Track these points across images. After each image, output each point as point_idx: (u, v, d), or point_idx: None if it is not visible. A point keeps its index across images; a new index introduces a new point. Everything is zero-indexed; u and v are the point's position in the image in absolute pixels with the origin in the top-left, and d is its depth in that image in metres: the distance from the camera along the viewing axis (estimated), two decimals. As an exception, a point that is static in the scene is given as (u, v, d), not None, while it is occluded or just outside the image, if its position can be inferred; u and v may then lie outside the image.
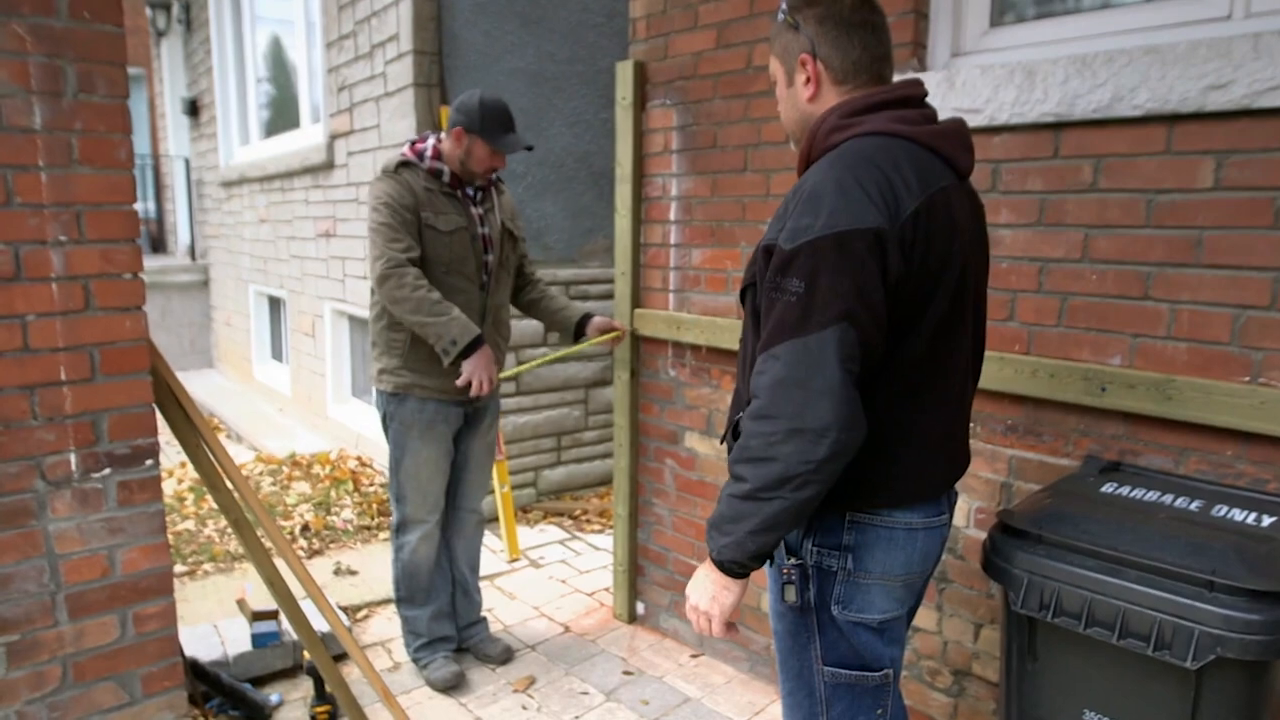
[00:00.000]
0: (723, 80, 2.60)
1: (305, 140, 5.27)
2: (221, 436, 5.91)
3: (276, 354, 6.58)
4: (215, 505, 2.34)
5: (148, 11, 7.84)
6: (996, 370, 1.99)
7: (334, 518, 4.03)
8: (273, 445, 5.20)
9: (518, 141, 2.43)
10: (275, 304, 6.46)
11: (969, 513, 2.13)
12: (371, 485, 4.43)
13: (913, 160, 1.26)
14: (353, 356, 5.18)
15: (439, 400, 2.54)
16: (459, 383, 2.40)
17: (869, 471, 1.31)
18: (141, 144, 10.19)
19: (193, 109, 7.29)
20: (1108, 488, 1.58)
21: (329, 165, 4.80)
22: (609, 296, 4.44)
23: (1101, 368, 1.84)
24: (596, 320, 2.80)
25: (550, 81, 4.22)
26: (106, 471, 1.82)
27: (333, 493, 4.30)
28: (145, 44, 9.21)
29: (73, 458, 1.78)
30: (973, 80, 1.99)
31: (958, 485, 2.02)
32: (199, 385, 7.05)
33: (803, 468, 1.18)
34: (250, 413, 6.06)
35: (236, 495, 2.17)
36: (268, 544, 3.65)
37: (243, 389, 6.91)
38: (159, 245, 9.83)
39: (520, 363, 4.21)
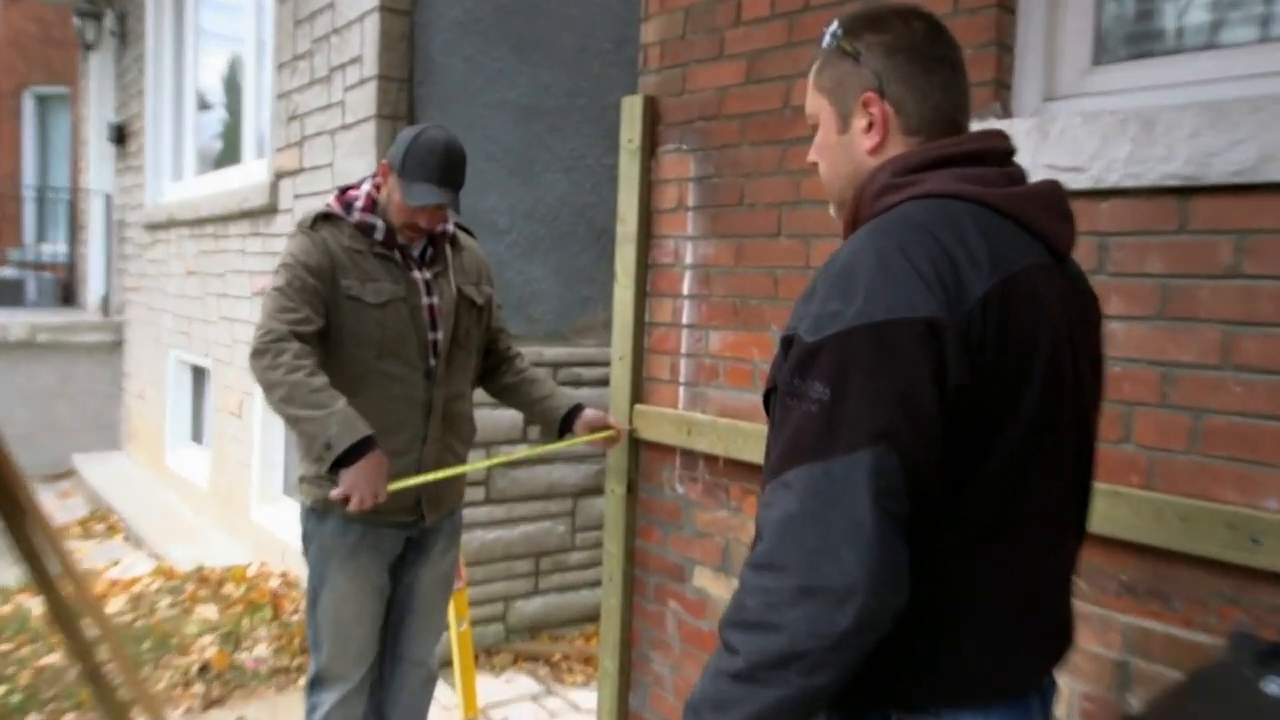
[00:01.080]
0: (753, 122, 2.57)
1: (246, 178, 5.29)
2: (116, 540, 5.76)
3: (196, 436, 6.52)
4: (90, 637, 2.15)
5: (75, 21, 8.03)
6: (1107, 508, 1.82)
7: (244, 654, 3.85)
8: (179, 553, 5.10)
9: (430, 194, 2.31)
10: (199, 375, 6.40)
11: (1071, 700, 1.93)
12: (296, 612, 4.27)
13: (986, 231, 1.18)
14: (287, 444, 5.07)
15: (368, 522, 2.40)
16: (333, 494, 2.22)
17: (918, 652, 1.17)
18: (59, 174, 10.34)
19: (120, 136, 7.37)
20: (1274, 687, 1.39)
21: (271, 209, 4.79)
22: (605, 384, 4.33)
23: (1253, 513, 1.68)
24: (587, 415, 2.69)
25: (545, 117, 4.22)
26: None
27: (246, 621, 4.15)
28: (73, 58, 9.42)
29: None
30: (1073, 130, 1.91)
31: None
32: (99, 472, 6.95)
33: (815, 642, 1.05)
34: (157, 509, 5.96)
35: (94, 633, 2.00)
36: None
37: (152, 479, 6.83)
38: (69, 297, 9.87)
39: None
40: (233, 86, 5.80)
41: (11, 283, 9.73)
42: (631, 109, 2.85)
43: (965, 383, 1.11)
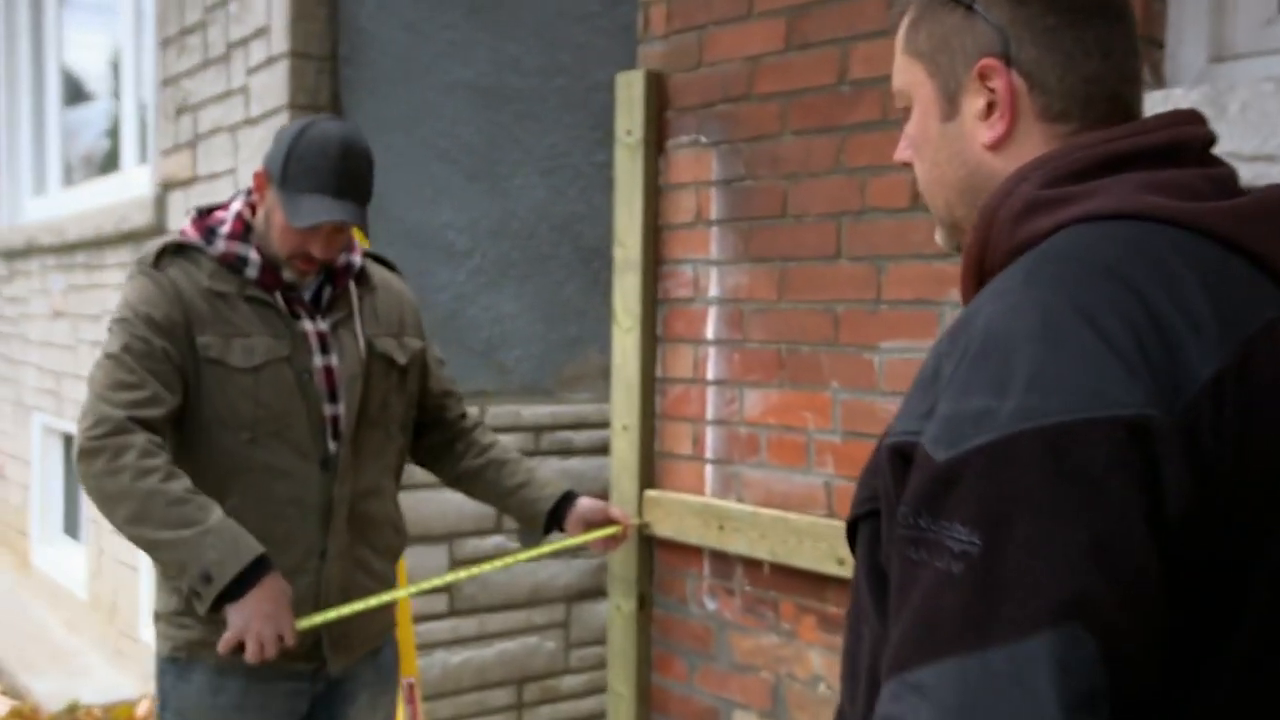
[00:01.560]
0: (798, 103, 2.54)
1: (124, 191, 5.19)
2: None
3: (70, 528, 6.43)
4: None
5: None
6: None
7: (126, 832, 3.66)
8: (45, 687, 4.98)
9: (323, 209, 2.16)
10: (72, 447, 6.22)
11: None
12: None
13: (1203, 271, 1.03)
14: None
15: (252, 675, 2.25)
16: (221, 646, 2.09)
17: None
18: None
19: (-34, 140, 7.24)
20: None
21: (157, 229, 4.66)
22: (603, 451, 4.17)
23: None
24: (583, 506, 2.57)
25: (513, 103, 4.11)
26: None
27: None
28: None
29: None
30: (1260, 103, 1.81)
31: None
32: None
33: None
34: (17, 626, 5.86)
35: None
36: None
37: (11, 584, 6.74)
38: (-89, 346, 9.71)
39: (456, 563, 3.89)
40: (100, 71, 5.68)
41: None
42: (629, 89, 2.81)
43: (1192, 514, 0.95)
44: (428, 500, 3.85)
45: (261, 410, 2.21)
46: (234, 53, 4.03)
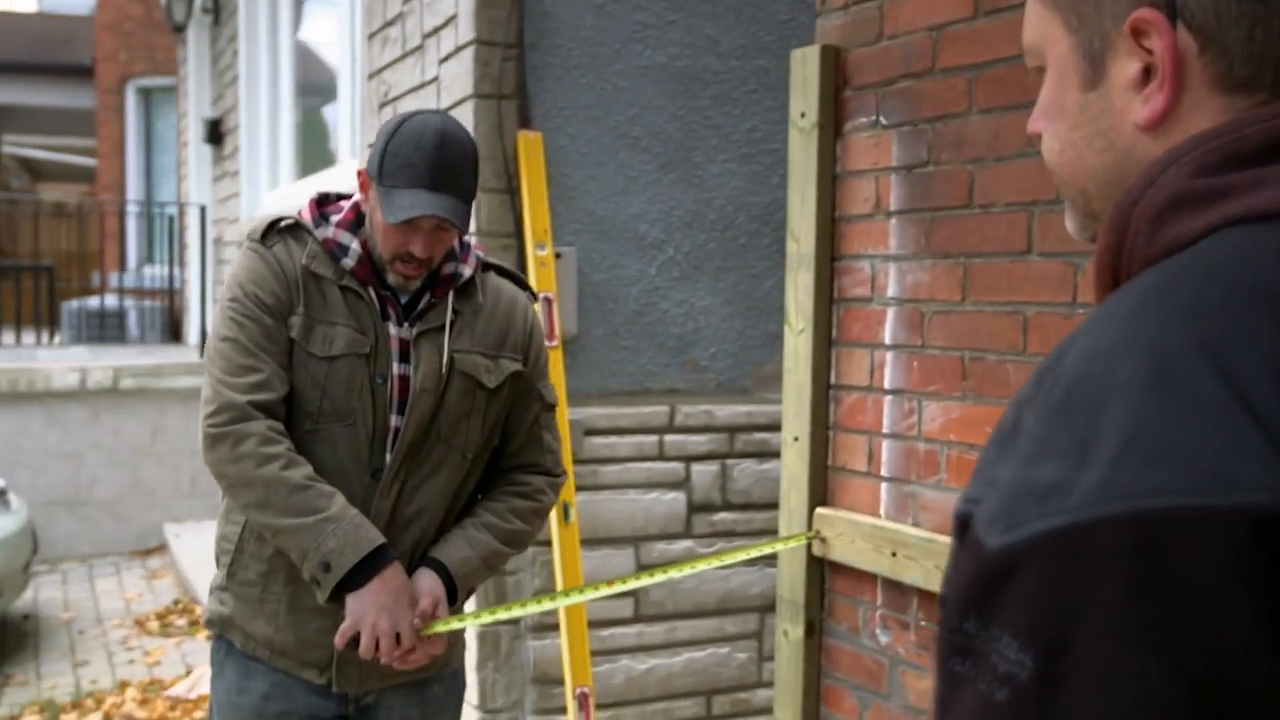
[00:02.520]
0: (986, 77, 2.36)
1: (340, 183, 5.22)
2: (199, 638, 5.82)
3: None
4: None
5: (162, -4, 8.41)
6: None
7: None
8: None
9: (418, 203, 2.08)
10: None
11: None
12: None
13: None
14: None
15: (279, 671, 2.22)
16: (337, 639, 2.09)
17: None
18: (167, 186, 10.93)
19: (214, 135, 7.65)
20: None
21: (364, 223, 4.67)
22: (802, 454, 3.98)
23: None
24: (419, 584, 2.24)
25: (709, 86, 3.98)
26: None
27: None
28: (170, 43, 9.92)
29: None
30: None
31: None
32: (192, 548, 7.12)
33: None
34: None
35: None
36: None
37: None
38: (176, 330, 10.37)
39: (642, 567, 3.82)
40: (326, 66, 5.81)
41: (111, 314, 10.33)
42: (804, 67, 2.62)
43: None
44: (612, 501, 3.75)
45: (328, 403, 2.16)
46: (427, 43, 4.03)
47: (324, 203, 2.28)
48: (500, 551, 2.32)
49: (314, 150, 6.45)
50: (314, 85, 6.40)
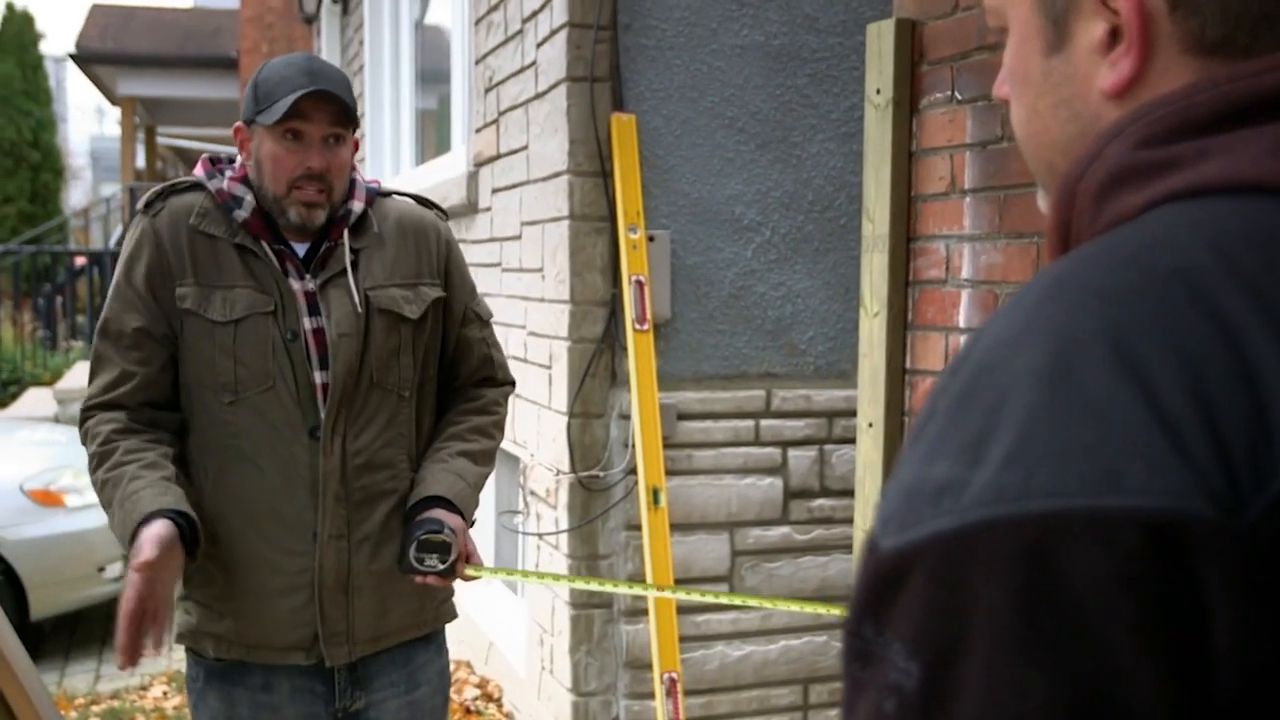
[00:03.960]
0: None
1: (449, 170, 5.32)
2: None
3: None
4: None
5: (296, -12, 8.59)
6: None
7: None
8: None
9: (299, 89, 2.00)
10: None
11: None
12: None
13: None
14: (497, 508, 4.98)
15: (259, 704, 2.13)
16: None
17: None
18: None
19: (342, 123, 7.75)
20: None
21: (471, 207, 4.76)
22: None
23: None
24: (430, 517, 2.14)
25: (807, 64, 3.88)
26: None
27: None
28: (307, 34, 10.15)
29: None
30: None
31: None
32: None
33: None
34: None
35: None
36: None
37: None
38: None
39: (738, 554, 3.79)
40: (445, 51, 5.87)
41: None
42: (879, 42, 2.54)
43: (1247, 675, 0.62)
44: (706, 486, 3.71)
45: (242, 369, 2.05)
46: (527, 27, 4.02)
47: (215, 162, 2.20)
48: (482, 473, 2.26)
49: (433, 137, 6.54)
50: (433, 72, 6.48)
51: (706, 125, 3.72)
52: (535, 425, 3.96)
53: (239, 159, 2.16)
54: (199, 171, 2.16)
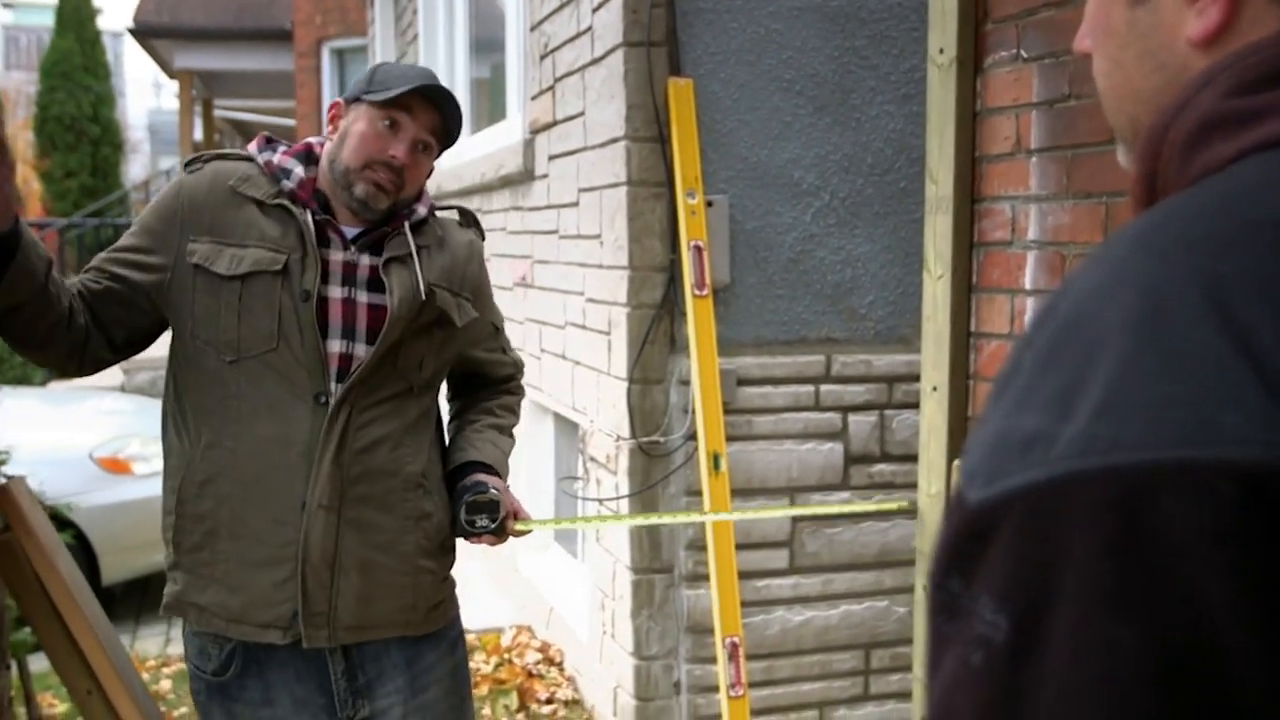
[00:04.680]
0: None
1: (504, 137, 5.32)
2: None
3: None
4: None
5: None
6: None
7: (473, 758, 3.81)
8: None
9: (411, 84, 2.04)
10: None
11: None
12: (550, 702, 4.20)
13: None
14: (556, 475, 5.01)
15: (258, 663, 2.09)
16: None
17: None
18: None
19: (397, 93, 7.78)
20: None
21: (528, 175, 4.76)
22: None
23: None
24: (474, 481, 2.19)
25: (866, 25, 3.84)
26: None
27: (488, 709, 4.13)
28: (361, 4, 10.18)
29: None
30: None
31: None
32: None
33: None
34: None
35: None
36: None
37: None
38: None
39: (797, 520, 3.76)
40: (498, 19, 5.86)
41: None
42: (943, 0, 2.41)
43: None
44: (766, 452, 3.71)
45: (246, 328, 2.01)
46: (582, -9, 4.00)
47: (271, 140, 2.20)
48: (510, 446, 2.34)
49: (487, 105, 6.55)
50: (486, 41, 6.47)
51: (765, 89, 3.69)
52: (595, 391, 3.98)
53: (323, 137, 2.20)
54: (251, 147, 2.17)
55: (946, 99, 2.42)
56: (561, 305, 4.43)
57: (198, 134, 15.99)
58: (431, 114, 2.06)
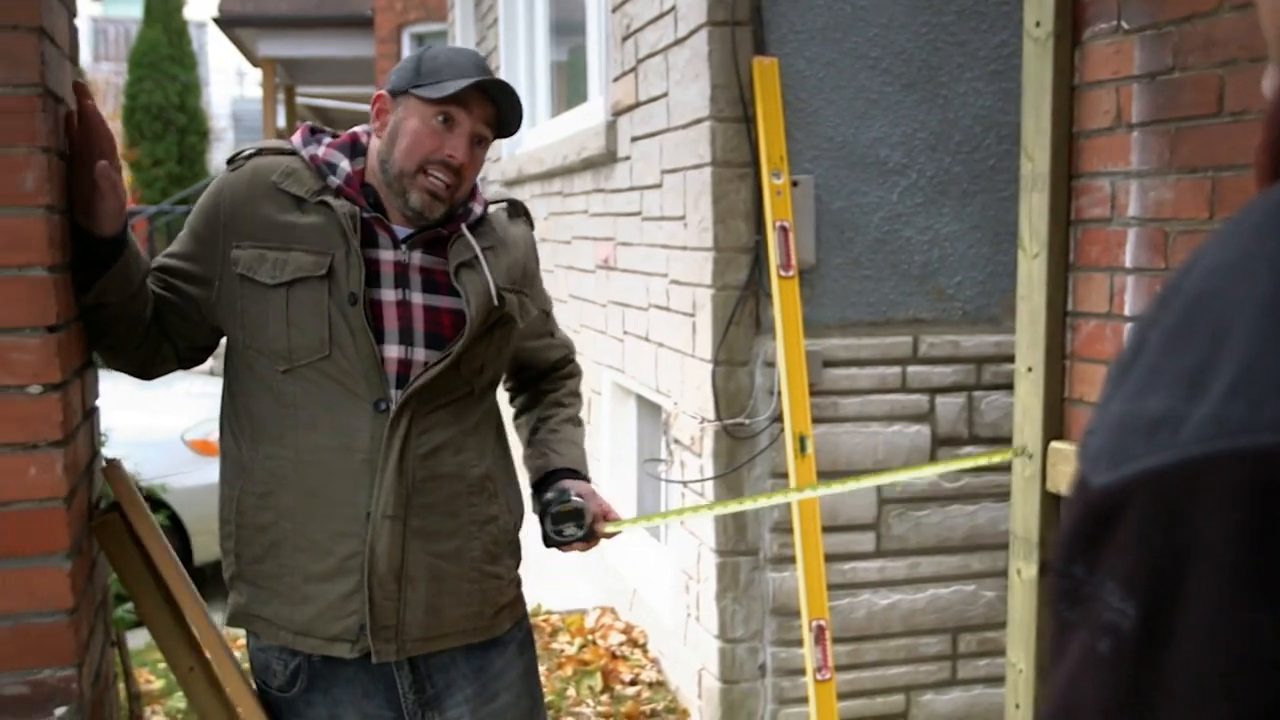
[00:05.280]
0: None
1: (586, 120, 5.31)
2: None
3: None
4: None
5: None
6: None
7: (560, 738, 3.84)
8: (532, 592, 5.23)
9: (467, 81, 1.93)
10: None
11: None
12: (634, 683, 4.20)
13: None
14: (639, 457, 5.02)
15: (324, 678, 2.04)
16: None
17: None
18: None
19: (477, 78, 7.82)
20: None
21: (610, 157, 4.75)
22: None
23: None
24: (564, 487, 2.18)
25: (953, 1, 3.78)
26: (-13, 725, 1.75)
27: (571, 689, 4.13)
28: (441, -10, 10.24)
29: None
30: None
31: None
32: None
33: None
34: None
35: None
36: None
37: None
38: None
39: (885, 502, 3.76)
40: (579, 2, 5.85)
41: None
42: None
43: None
44: (852, 434, 3.68)
45: (296, 335, 1.94)
46: (665, -29, 3.98)
47: (316, 130, 2.12)
48: (583, 433, 2.33)
49: (566, 89, 6.55)
50: (565, 24, 6.48)
51: (850, 67, 3.64)
52: (679, 373, 3.97)
53: (367, 127, 2.13)
54: (295, 139, 2.08)
55: (1043, 73, 2.37)
56: (645, 287, 4.42)
57: (280, 121, 16.22)
58: (486, 105, 1.97)
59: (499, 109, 1.99)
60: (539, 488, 2.19)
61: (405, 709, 2.04)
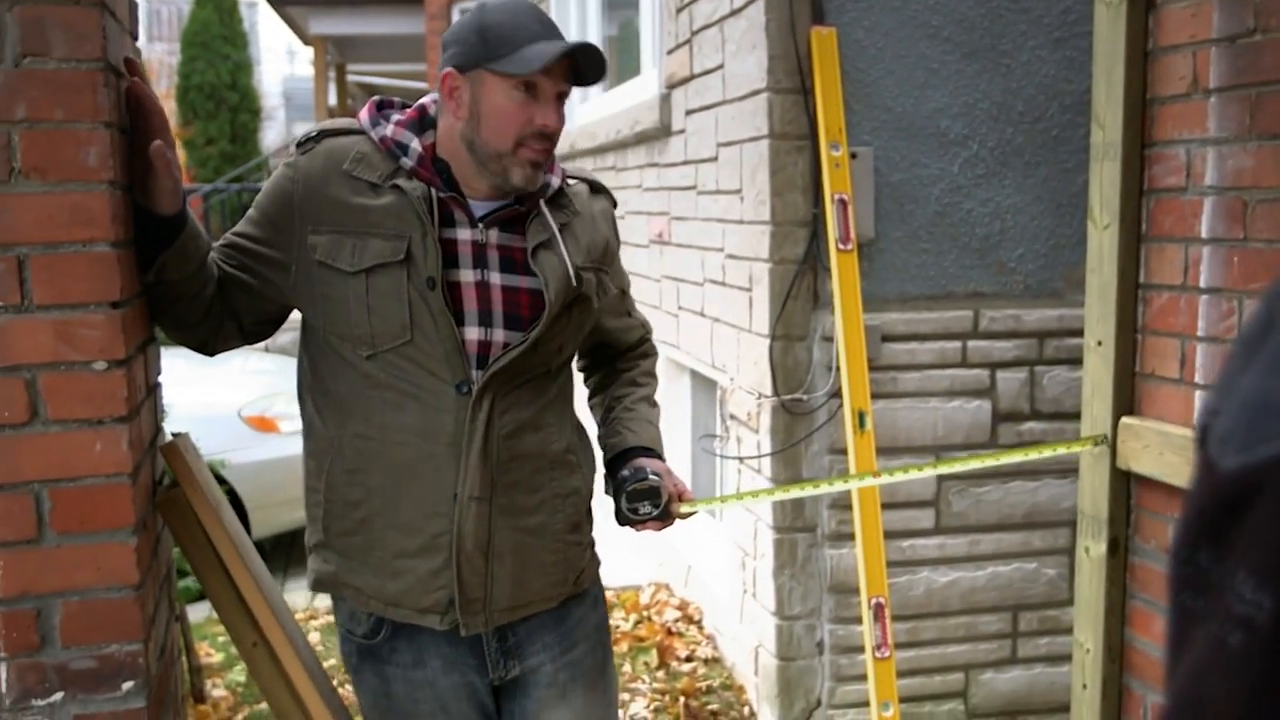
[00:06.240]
0: None
1: (639, 93, 5.29)
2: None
3: None
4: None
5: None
6: None
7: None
8: None
9: (545, 52, 1.86)
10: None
11: None
12: (690, 659, 4.20)
13: None
14: (693, 433, 5.00)
15: (398, 623, 2.07)
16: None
17: None
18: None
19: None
20: None
21: (664, 131, 4.72)
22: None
23: None
24: (639, 466, 2.15)
25: None
26: (56, 697, 1.75)
27: (627, 666, 4.15)
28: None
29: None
30: None
31: None
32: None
33: None
34: None
35: None
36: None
37: None
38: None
39: (944, 478, 3.72)
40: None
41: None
42: None
43: None
44: (912, 409, 3.64)
45: (378, 321, 1.94)
46: (721, -58, 3.93)
47: (383, 106, 2.08)
48: (659, 412, 2.30)
49: (617, 62, 6.51)
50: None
51: (910, 36, 3.58)
52: (735, 349, 3.94)
53: (432, 99, 2.07)
54: (363, 117, 2.05)
55: (1116, 38, 2.31)
56: (700, 261, 4.39)
57: (332, 99, 16.30)
58: (565, 61, 1.91)
59: (575, 59, 1.93)
60: (613, 466, 2.18)
61: (489, 656, 2.08)
